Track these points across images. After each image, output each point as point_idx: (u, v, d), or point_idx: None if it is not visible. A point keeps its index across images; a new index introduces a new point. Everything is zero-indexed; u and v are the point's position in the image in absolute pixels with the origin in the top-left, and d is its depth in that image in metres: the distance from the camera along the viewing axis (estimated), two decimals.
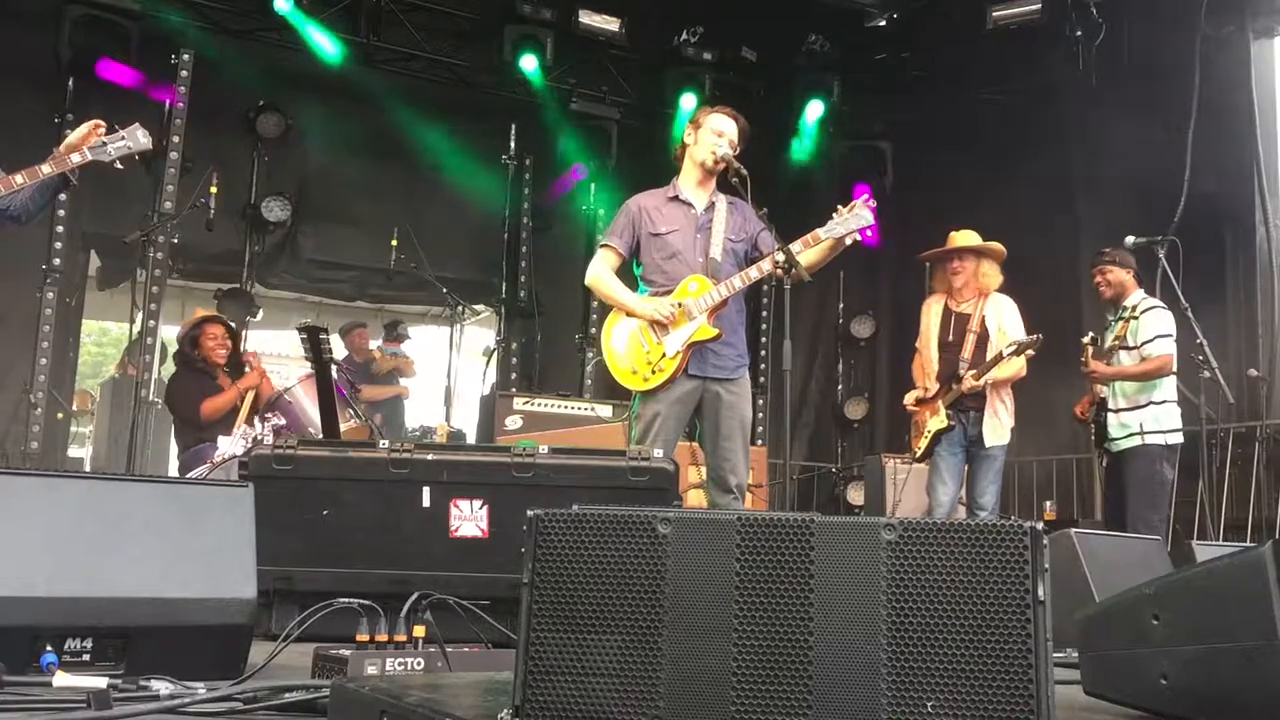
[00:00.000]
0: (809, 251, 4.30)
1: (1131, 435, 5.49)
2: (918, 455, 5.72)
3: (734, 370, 4.40)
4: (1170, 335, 5.49)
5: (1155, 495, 5.42)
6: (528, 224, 9.01)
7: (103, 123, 4.09)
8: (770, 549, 1.43)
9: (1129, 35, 7.82)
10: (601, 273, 4.47)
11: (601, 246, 4.56)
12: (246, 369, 6.10)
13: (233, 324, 6.67)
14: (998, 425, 5.47)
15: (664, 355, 4.26)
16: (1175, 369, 5.53)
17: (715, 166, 4.45)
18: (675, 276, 4.37)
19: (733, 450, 4.33)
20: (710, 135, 4.45)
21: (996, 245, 5.69)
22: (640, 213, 4.49)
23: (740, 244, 4.47)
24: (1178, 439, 5.52)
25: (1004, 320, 5.55)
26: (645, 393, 4.30)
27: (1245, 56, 7.38)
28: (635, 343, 4.32)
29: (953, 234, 5.78)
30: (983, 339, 5.54)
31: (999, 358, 5.38)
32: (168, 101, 7.32)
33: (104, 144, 4.06)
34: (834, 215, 4.30)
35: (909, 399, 5.78)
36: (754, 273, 4.30)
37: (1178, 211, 6.81)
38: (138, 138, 4.15)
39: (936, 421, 5.51)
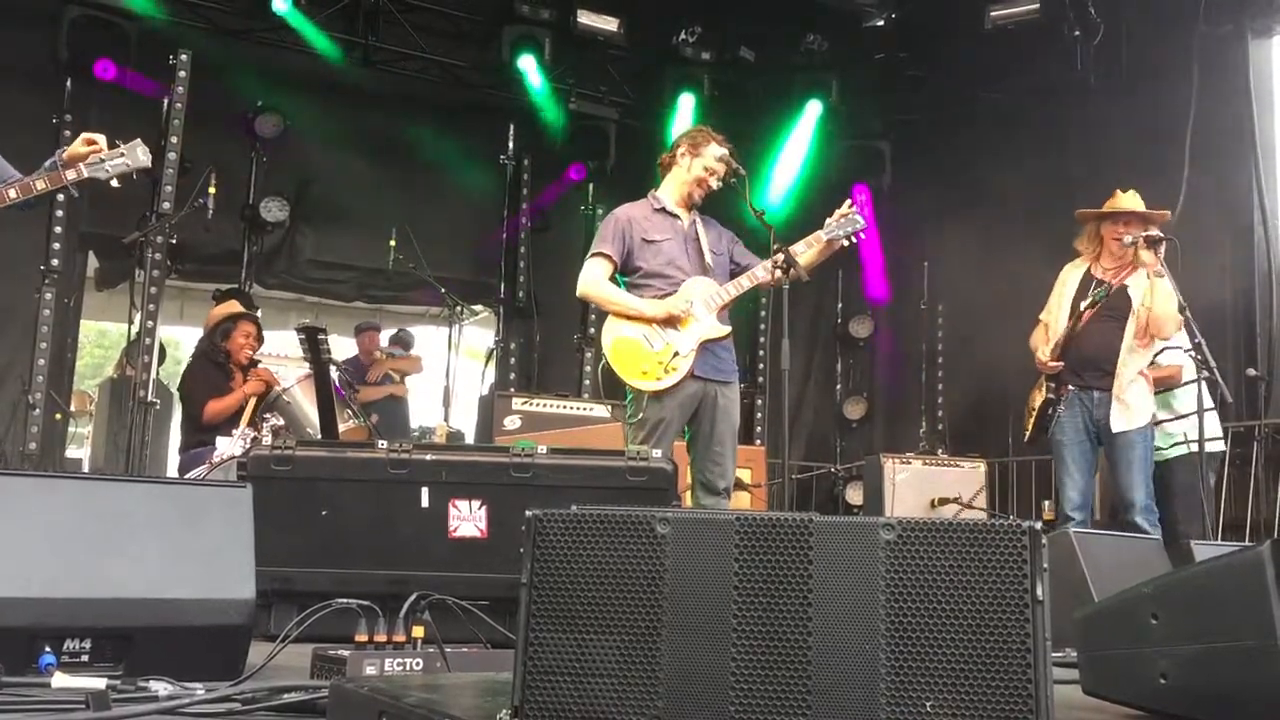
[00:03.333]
0: (807, 252, 4.43)
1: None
2: (1026, 436, 5.26)
3: (730, 374, 4.46)
4: None
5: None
6: (526, 224, 9.01)
7: (99, 138, 3.92)
8: (769, 549, 1.43)
9: (1127, 35, 7.84)
10: (598, 280, 4.41)
11: (593, 256, 4.46)
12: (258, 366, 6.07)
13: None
14: (1128, 406, 4.85)
15: (676, 354, 4.26)
16: None
17: (711, 192, 4.50)
18: (675, 281, 4.38)
19: (724, 455, 4.38)
20: (715, 164, 4.47)
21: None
22: (629, 222, 4.47)
23: (721, 257, 4.52)
24: None
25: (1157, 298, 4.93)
26: (654, 395, 4.28)
27: (1243, 56, 7.39)
28: (643, 344, 4.30)
29: (1134, 194, 5.15)
30: (1114, 311, 4.95)
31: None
32: (166, 102, 7.31)
33: (102, 161, 3.89)
34: (829, 218, 4.48)
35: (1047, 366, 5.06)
36: (760, 272, 4.36)
37: (1176, 210, 6.81)
38: (137, 155, 3.95)
39: (1039, 395, 5.08)
